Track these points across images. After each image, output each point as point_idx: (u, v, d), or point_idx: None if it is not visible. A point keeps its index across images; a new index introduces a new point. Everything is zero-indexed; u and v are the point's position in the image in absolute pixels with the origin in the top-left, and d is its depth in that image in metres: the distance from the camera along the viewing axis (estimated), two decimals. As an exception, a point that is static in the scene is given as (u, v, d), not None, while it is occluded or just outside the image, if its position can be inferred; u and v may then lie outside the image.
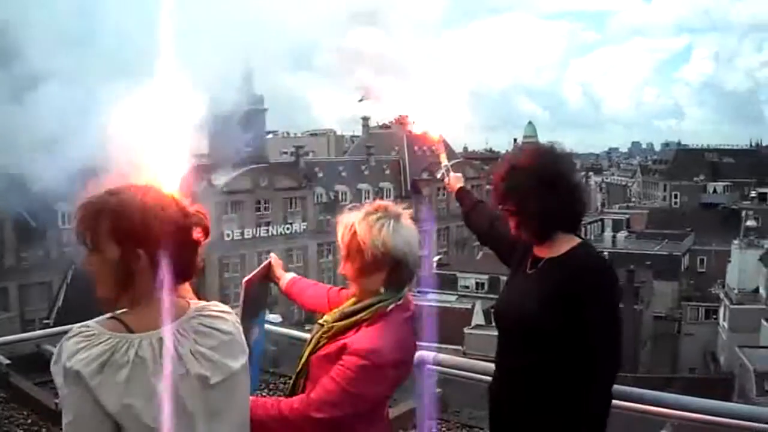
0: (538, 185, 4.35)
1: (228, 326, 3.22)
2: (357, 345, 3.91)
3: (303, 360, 4.20)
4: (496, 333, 4.80)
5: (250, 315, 4.51)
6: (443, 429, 8.22)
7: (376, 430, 4.21)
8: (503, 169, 4.58)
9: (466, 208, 5.80)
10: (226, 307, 3.31)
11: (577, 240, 4.46)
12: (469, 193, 6.05)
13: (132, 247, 2.93)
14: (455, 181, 6.12)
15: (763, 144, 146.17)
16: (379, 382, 4.00)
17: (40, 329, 17.93)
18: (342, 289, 4.69)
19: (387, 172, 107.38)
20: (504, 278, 5.02)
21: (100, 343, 2.83)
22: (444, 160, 6.29)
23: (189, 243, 3.12)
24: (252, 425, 3.48)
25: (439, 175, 6.26)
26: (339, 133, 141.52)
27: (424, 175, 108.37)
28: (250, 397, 3.67)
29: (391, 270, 4.08)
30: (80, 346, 2.81)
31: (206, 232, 3.20)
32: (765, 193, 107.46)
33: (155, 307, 3.02)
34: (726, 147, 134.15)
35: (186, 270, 3.14)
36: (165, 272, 3.02)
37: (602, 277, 4.31)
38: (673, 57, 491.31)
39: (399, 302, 4.15)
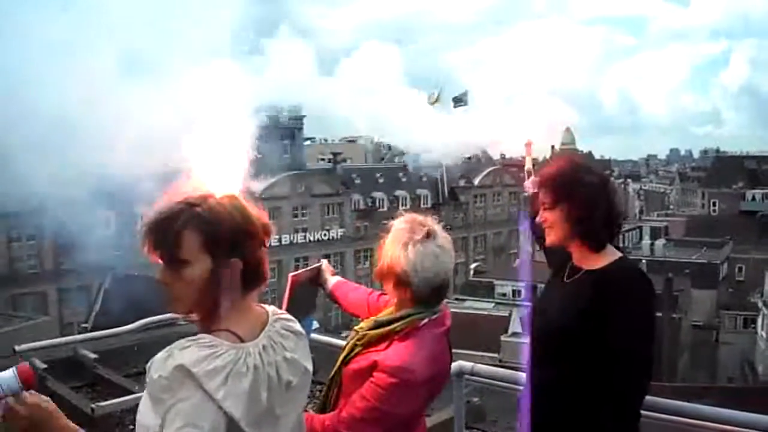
0: (590, 193, 4.32)
1: (299, 327, 3.27)
2: (388, 362, 3.89)
3: (336, 368, 4.18)
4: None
5: (295, 314, 4.54)
6: (480, 438, 8.18)
7: None
8: (555, 172, 4.49)
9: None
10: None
11: (618, 254, 4.37)
12: None
13: (225, 257, 2.90)
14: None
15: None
16: (411, 400, 3.97)
17: (79, 333, 17.93)
18: (381, 294, 4.64)
19: (424, 179, 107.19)
20: (542, 286, 4.97)
21: (223, 353, 2.79)
22: (528, 164, 6.15)
23: (264, 247, 3.11)
24: None
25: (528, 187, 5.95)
26: (376, 139, 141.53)
27: (461, 183, 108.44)
28: None
29: (419, 290, 4.02)
30: (203, 354, 2.75)
31: (269, 235, 3.16)
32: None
33: (251, 315, 3.06)
34: (765, 154, 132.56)
35: (264, 274, 3.12)
36: (254, 279, 3.04)
37: (634, 293, 4.18)
38: (711, 62, 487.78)
39: (434, 316, 4.11)
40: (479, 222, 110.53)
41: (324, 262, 5.18)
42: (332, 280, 5.03)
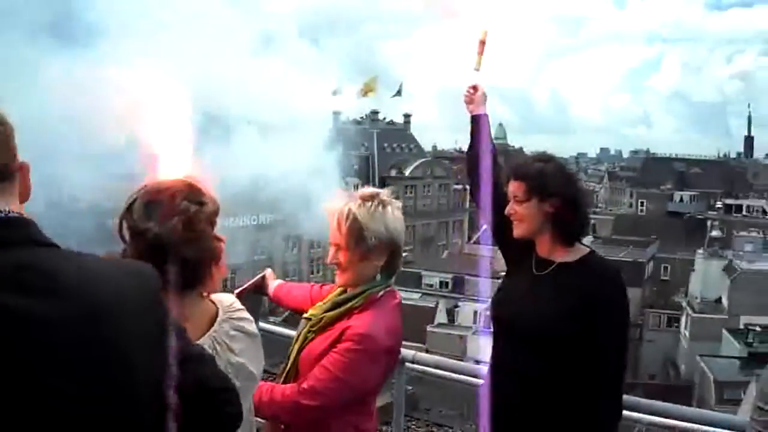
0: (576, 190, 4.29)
1: (253, 327, 3.13)
2: (353, 330, 3.86)
3: (292, 359, 4.13)
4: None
5: None
6: (414, 427, 8.17)
7: (364, 422, 4.14)
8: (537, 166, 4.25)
9: (476, 150, 4.81)
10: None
11: (586, 248, 4.32)
12: (489, 135, 4.94)
13: (156, 262, 2.53)
14: (481, 100, 5.01)
15: (731, 156, 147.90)
16: (372, 369, 3.95)
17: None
18: (323, 285, 4.68)
19: (355, 167, 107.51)
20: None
21: None
22: (478, 65, 5.15)
23: (220, 245, 2.94)
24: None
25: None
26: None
27: (393, 173, 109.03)
28: None
29: (390, 255, 4.06)
30: None
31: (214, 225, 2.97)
32: (731, 204, 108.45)
33: (195, 319, 2.87)
34: (694, 157, 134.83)
35: (203, 276, 2.90)
36: (193, 281, 2.86)
37: (618, 286, 4.20)
38: (644, 65, 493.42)
39: (388, 288, 4.12)
40: (409, 213, 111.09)
41: (268, 271, 5.05)
42: (273, 284, 4.95)
